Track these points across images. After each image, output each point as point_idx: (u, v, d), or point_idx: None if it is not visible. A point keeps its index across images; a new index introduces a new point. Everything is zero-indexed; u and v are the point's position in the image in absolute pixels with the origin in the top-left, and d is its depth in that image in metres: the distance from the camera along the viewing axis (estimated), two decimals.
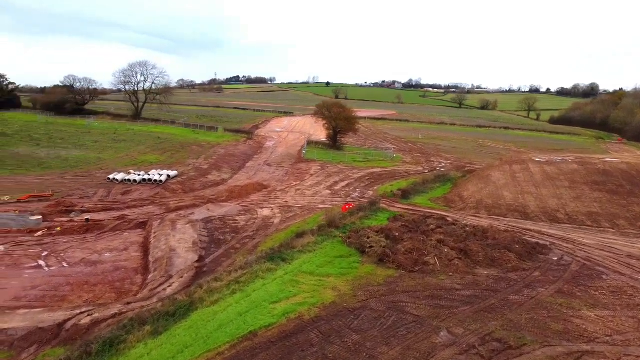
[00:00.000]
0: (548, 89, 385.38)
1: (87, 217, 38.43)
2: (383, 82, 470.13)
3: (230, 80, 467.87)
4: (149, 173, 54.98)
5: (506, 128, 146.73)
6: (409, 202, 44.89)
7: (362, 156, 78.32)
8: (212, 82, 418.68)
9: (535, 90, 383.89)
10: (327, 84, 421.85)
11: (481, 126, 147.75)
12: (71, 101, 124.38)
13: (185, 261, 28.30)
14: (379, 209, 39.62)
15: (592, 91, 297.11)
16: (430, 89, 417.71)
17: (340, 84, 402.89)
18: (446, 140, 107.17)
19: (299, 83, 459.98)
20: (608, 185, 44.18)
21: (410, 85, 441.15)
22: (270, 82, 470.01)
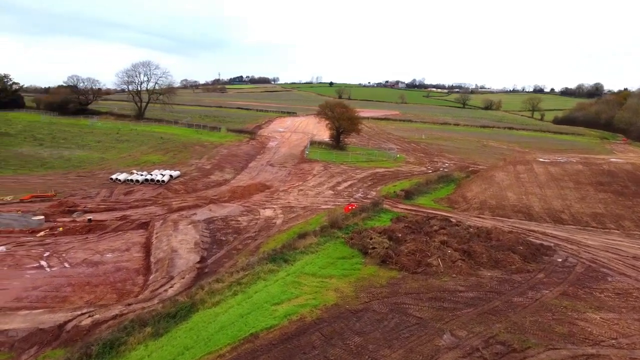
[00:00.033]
0: (552, 89, 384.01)
1: (90, 217, 38.38)
2: (386, 82, 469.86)
3: (233, 81, 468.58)
4: (152, 173, 54.97)
5: (510, 128, 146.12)
6: (412, 202, 44.69)
7: (365, 156, 78.06)
8: (216, 82, 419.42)
9: (539, 90, 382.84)
10: (331, 84, 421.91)
11: (485, 126, 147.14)
12: (74, 101, 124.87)
13: (187, 262, 28.17)
14: (381, 210, 39.45)
15: (596, 91, 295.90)
16: (434, 89, 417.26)
17: (344, 84, 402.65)
18: (450, 141, 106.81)
19: (302, 83, 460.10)
20: (613, 186, 43.87)
21: (413, 85, 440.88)
22: (273, 82, 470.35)
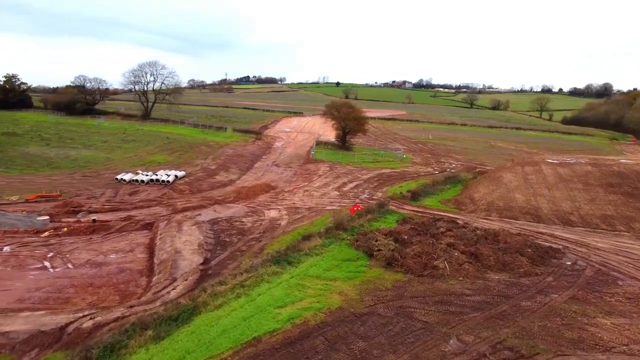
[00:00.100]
0: (560, 89, 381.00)
1: (94, 217, 38.36)
2: (393, 82, 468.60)
3: (240, 81, 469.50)
4: (157, 173, 54.98)
5: (518, 128, 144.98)
6: (418, 203, 44.22)
7: (372, 157, 77.72)
8: (223, 82, 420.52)
9: (547, 90, 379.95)
10: (337, 84, 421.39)
11: (492, 126, 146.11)
12: (81, 101, 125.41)
13: (190, 263, 27.97)
14: (387, 211, 39.02)
15: (605, 91, 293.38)
16: (441, 89, 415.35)
17: (350, 84, 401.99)
18: (457, 141, 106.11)
19: (309, 83, 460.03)
20: (623, 188, 43.13)
21: (420, 85, 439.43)
22: (280, 82, 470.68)
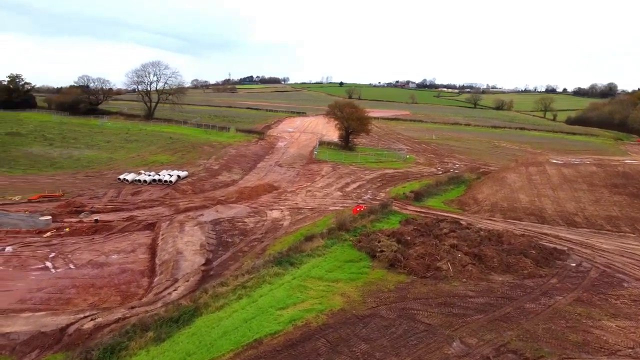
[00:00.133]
0: (564, 89, 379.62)
1: (96, 217, 38.33)
2: (397, 82, 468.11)
3: (244, 81, 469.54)
4: (159, 173, 54.93)
5: (522, 129, 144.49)
6: (421, 204, 43.99)
7: (375, 157, 77.46)
8: (226, 82, 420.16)
9: (551, 90, 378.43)
10: (341, 84, 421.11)
11: (496, 127, 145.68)
12: (85, 101, 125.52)
13: (192, 264, 27.86)
14: (390, 212, 38.82)
15: (609, 91, 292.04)
16: (445, 89, 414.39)
17: (354, 84, 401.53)
18: (460, 141, 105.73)
19: (312, 83, 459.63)
20: (628, 188, 42.80)
21: (424, 85, 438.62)
22: (283, 82, 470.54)
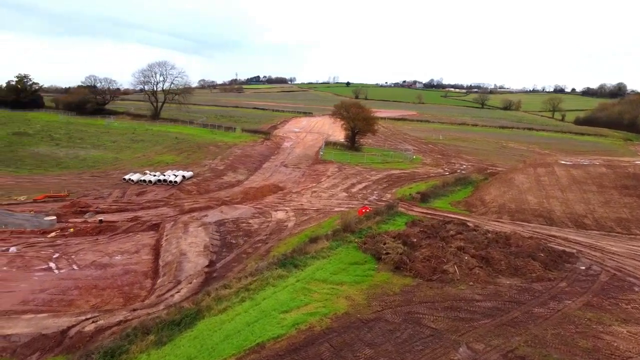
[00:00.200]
0: (573, 89, 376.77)
1: (101, 218, 38.21)
2: (404, 82, 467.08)
3: (250, 81, 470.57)
4: (165, 174, 54.80)
5: (530, 129, 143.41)
6: (428, 205, 43.50)
7: (381, 157, 77.00)
8: (233, 82, 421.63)
9: (559, 90, 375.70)
10: (347, 84, 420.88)
11: (504, 127, 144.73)
12: (92, 101, 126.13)
13: (195, 266, 27.57)
14: (396, 213, 38.38)
15: (619, 91, 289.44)
16: (452, 89, 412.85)
17: (361, 84, 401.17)
18: (468, 142, 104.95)
19: (319, 83, 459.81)
20: (639, 190, 42.10)
21: (431, 85, 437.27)
22: (290, 82, 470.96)
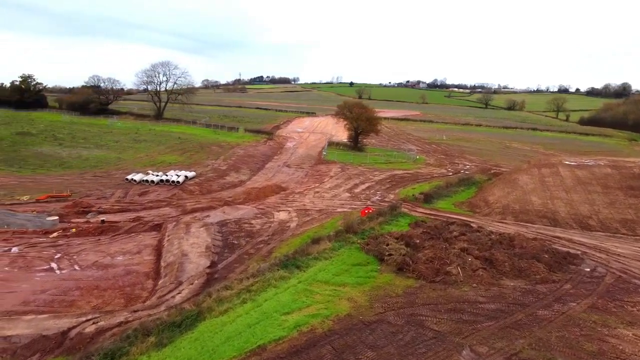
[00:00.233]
0: (577, 89, 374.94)
1: (103, 218, 38.14)
2: (407, 82, 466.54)
3: (254, 81, 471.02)
4: (167, 174, 54.72)
5: (534, 129, 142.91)
6: (431, 206, 43.27)
7: (384, 158, 76.78)
8: (236, 82, 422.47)
9: (564, 90, 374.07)
10: (351, 84, 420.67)
11: (508, 127, 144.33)
12: (95, 101, 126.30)
13: (197, 267, 27.43)
14: (399, 214, 38.15)
15: (623, 91, 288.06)
16: (456, 89, 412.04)
17: (364, 84, 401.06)
18: (471, 142, 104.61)
19: (323, 83, 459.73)
20: None
21: (435, 85, 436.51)
22: (293, 82, 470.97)
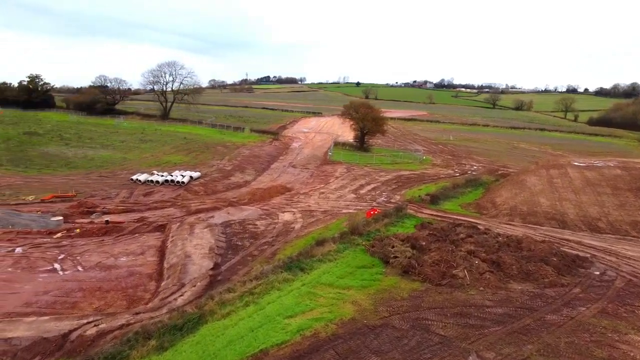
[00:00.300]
0: (586, 89, 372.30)
1: (107, 218, 38.02)
2: (414, 82, 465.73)
3: (260, 81, 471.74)
4: (172, 174, 54.64)
5: (542, 129, 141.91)
6: (437, 207, 42.80)
7: (390, 158, 76.33)
8: (243, 82, 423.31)
9: (572, 90, 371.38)
10: (357, 84, 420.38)
11: (515, 127, 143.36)
12: (102, 101, 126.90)
13: (200, 268, 27.19)
14: (405, 215, 37.74)
15: (633, 91, 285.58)
16: (463, 89, 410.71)
17: (371, 84, 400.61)
18: (478, 142, 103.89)
19: (329, 83, 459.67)
20: None
21: (442, 85, 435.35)
22: (300, 82, 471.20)
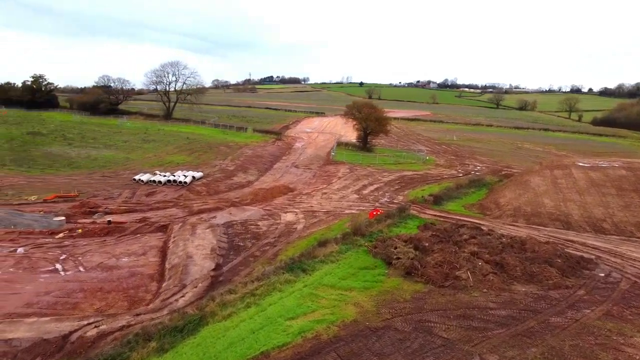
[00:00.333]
0: (590, 89, 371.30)
1: (109, 219, 37.97)
2: (418, 82, 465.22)
3: (264, 81, 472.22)
4: (174, 174, 54.60)
5: (546, 130, 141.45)
6: (441, 208, 42.61)
7: (393, 158, 76.13)
8: (246, 82, 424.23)
9: (576, 90, 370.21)
10: (361, 84, 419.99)
11: (519, 127, 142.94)
12: (105, 101, 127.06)
13: (201, 269, 27.06)
14: (408, 216, 37.56)
15: (637, 91, 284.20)
16: (467, 89, 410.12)
17: (374, 84, 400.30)
18: (482, 142, 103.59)
19: (333, 83, 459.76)
20: None
21: (445, 85, 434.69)
22: (303, 82, 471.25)
